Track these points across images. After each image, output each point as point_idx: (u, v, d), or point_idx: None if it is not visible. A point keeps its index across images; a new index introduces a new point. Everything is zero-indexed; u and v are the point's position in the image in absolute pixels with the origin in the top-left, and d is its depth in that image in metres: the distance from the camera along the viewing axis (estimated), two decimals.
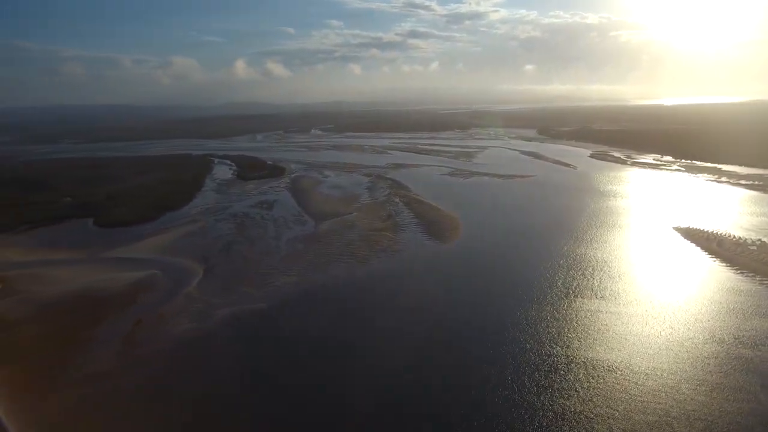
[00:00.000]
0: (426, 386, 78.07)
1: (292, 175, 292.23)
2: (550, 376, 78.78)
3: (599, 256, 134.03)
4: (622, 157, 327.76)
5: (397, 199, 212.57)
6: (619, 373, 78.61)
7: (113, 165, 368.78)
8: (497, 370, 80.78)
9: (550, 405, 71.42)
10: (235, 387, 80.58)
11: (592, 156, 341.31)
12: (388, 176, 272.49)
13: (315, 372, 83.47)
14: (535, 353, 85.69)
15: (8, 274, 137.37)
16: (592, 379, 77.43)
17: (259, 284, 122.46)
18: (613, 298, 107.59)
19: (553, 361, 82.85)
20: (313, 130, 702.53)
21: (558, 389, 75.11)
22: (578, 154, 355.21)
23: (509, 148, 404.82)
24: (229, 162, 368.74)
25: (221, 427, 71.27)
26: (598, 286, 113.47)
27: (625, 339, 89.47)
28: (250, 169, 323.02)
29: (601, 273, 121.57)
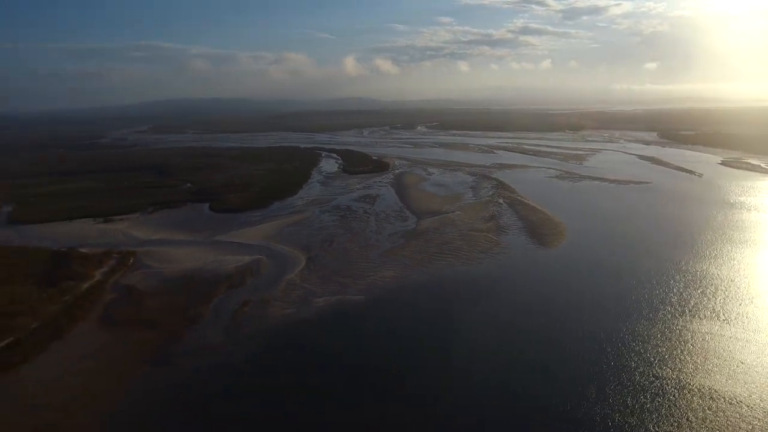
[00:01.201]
0: (516, 398, 76.39)
1: (396, 171, 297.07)
2: (657, 399, 73.33)
3: (724, 274, 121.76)
4: (762, 165, 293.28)
5: (500, 200, 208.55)
6: (745, 408, 71.09)
7: (229, 154, 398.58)
8: (597, 386, 76.78)
9: (655, 431, 66.75)
10: (328, 371, 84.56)
11: (722, 163, 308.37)
12: (492, 176, 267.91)
13: (403, 369, 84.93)
14: (640, 373, 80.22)
15: (138, 250, 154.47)
16: (709, 410, 70.71)
17: (358, 277, 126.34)
18: (740, 322, 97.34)
19: (662, 385, 76.91)
20: (418, 127, 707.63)
21: (665, 415, 69.65)
22: (705, 160, 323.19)
23: (625, 152, 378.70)
24: (335, 156, 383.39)
25: (314, 407, 75.22)
26: (722, 308, 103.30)
27: (754, 370, 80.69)
28: (356, 163, 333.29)
29: (726, 293, 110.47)
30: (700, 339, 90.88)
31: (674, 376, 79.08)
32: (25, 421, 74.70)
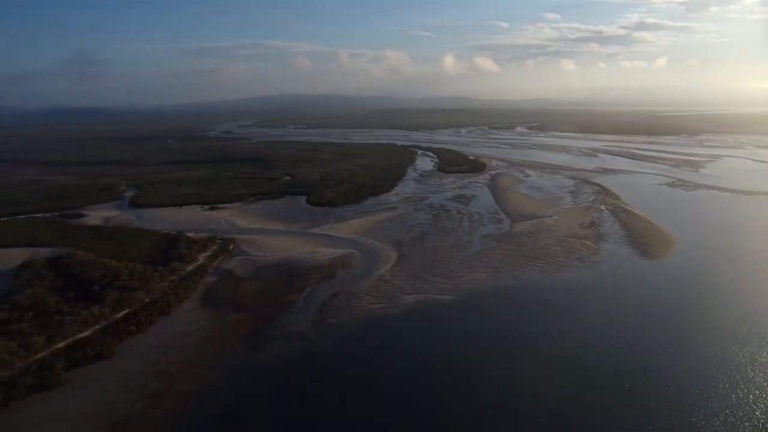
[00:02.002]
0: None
1: (493, 172, 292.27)
2: None
3: None
4: None
5: (602, 207, 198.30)
6: None
7: (327, 150, 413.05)
8: (705, 416, 71.05)
9: None
10: (410, 369, 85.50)
11: None
12: (594, 181, 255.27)
13: (486, 371, 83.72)
14: (761, 404, 73.14)
15: (238, 238, 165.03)
16: None
17: (448, 276, 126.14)
18: None
19: None
20: (517, 128, 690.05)
21: None
22: None
23: (752, 159, 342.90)
24: (431, 154, 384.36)
25: (388, 402, 76.43)
26: None
27: None
28: (451, 162, 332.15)
29: None
30: None
31: None
32: (136, 385, 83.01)
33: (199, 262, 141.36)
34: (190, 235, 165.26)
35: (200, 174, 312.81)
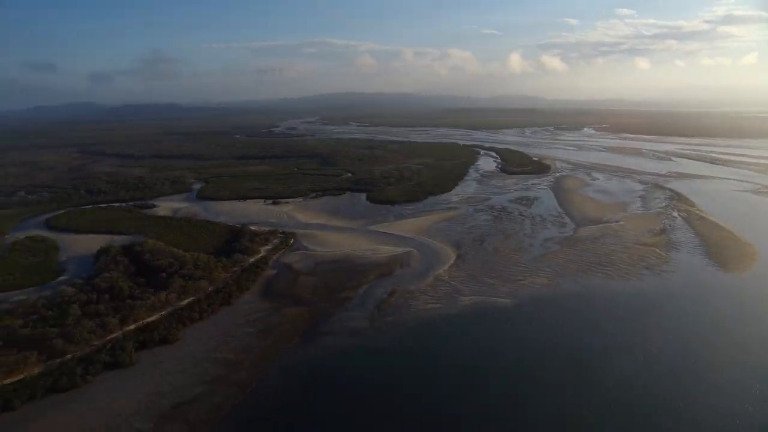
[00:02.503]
0: None
1: (557, 174, 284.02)
2: None
3: None
4: None
5: (675, 213, 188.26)
6: None
7: (389, 147, 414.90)
8: None
9: None
10: (464, 371, 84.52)
11: None
12: (667, 186, 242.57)
13: (546, 388, 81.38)
14: None
15: (298, 232, 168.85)
16: None
17: (507, 279, 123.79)
18: None
19: None
20: (585, 129, 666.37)
21: None
22: None
23: None
24: (494, 154, 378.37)
25: (441, 403, 75.86)
26: None
27: None
28: (514, 163, 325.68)
29: None
30: None
31: None
32: (197, 370, 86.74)
33: (260, 255, 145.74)
34: (252, 228, 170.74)
35: (264, 169, 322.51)
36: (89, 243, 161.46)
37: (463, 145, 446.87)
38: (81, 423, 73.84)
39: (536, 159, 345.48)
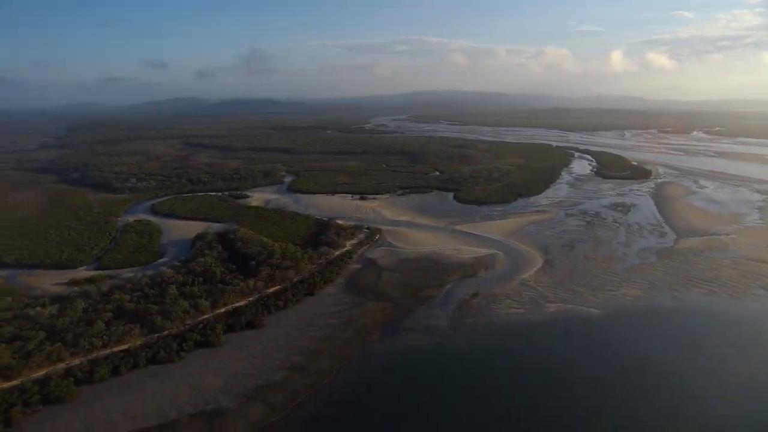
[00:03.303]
0: None
1: (659, 180, 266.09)
2: None
3: None
4: None
5: None
6: None
7: (478, 147, 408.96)
8: None
9: None
10: (545, 381, 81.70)
11: None
12: None
13: (638, 409, 76.71)
14: None
15: (384, 228, 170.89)
16: None
17: (597, 289, 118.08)
18: None
19: None
20: (694, 132, 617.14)
21: None
22: None
23: None
24: (589, 157, 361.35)
25: (516, 412, 73.83)
26: None
27: None
28: (611, 167, 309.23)
29: None
30: None
31: None
32: (279, 356, 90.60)
33: (345, 249, 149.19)
34: (339, 222, 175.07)
35: (353, 164, 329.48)
36: (188, 228, 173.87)
37: (556, 146, 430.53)
38: (174, 393, 79.80)
39: (636, 163, 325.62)
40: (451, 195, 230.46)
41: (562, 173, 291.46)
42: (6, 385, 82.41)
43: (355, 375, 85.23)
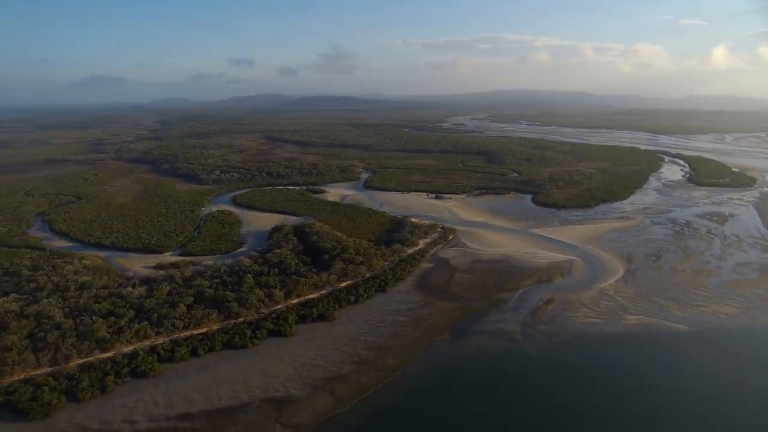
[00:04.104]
0: None
1: (765, 189, 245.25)
2: None
3: None
4: None
5: None
6: None
7: (560, 149, 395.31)
8: None
9: None
10: (627, 403, 77.81)
11: None
12: None
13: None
14: None
15: (458, 228, 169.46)
16: None
17: (685, 304, 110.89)
18: None
19: None
20: None
21: None
22: None
23: None
24: (681, 162, 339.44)
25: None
26: None
27: None
28: (707, 173, 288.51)
29: None
30: None
31: None
32: (348, 350, 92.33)
33: (418, 247, 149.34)
34: (413, 220, 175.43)
35: (429, 163, 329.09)
36: (266, 220, 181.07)
37: (644, 150, 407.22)
38: (246, 377, 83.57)
39: (736, 170, 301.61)
40: (528, 197, 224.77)
41: (650, 178, 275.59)
42: (102, 355, 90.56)
43: (422, 373, 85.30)
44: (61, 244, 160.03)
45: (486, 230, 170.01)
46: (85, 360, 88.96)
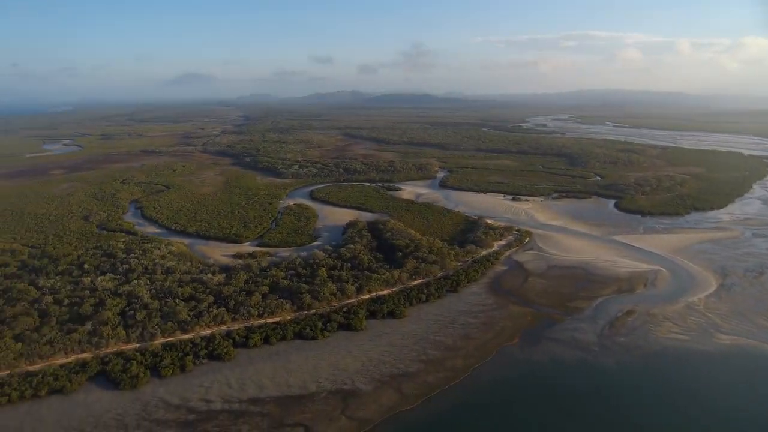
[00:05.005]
0: None
1: None
2: None
3: None
4: None
5: None
6: None
7: (648, 152, 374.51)
8: None
9: None
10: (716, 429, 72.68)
11: None
12: None
13: None
14: None
15: (534, 232, 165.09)
16: None
17: None
18: None
19: None
20: None
21: None
22: None
23: None
24: None
25: None
26: None
27: None
28: None
29: None
30: None
31: None
32: (416, 348, 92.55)
33: (492, 249, 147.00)
34: (489, 221, 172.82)
35: (507, 163, 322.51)
36: (340, 215, 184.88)
37: (748, 155, 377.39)
38: (315, 368, 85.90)
39: None
40: (611, 202, 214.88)
41: (754, 186, 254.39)
42: (183, 336, 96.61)
43: (491, 377, 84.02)
44: (150, 229, 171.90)
45: (564, 235, 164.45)
46: (167, 339, 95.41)
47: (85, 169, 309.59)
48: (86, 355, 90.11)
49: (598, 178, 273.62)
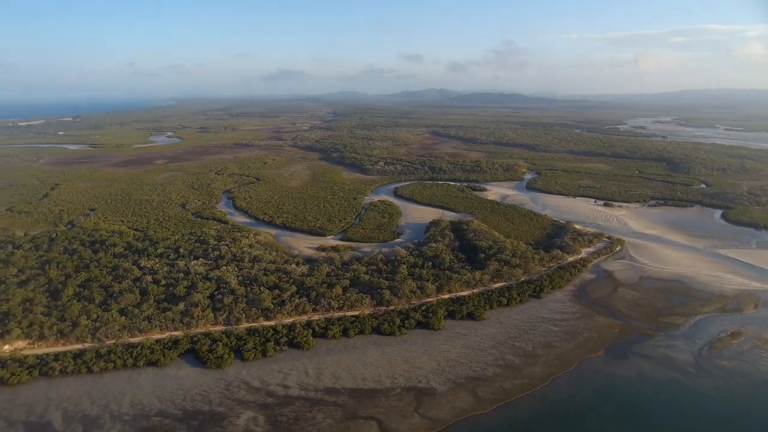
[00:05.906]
0: None
1: None
2: None
3: None
4: None
5: None
6: None
7: (765, 158, 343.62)
8: None
9: None
10: None
11: None
12: None
13: None
14: None
15: (627, 240, 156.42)
16: None
17: None
18: None
19: None
20: None
21: None
22: None
23: None
24: None
25: None
26: None
27: None
28: None
29: None
30: None
31: None
32: (494, 352, 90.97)
33: (580, 256, 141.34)
34: (577, 226, 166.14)
35: (600, 167, 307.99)
36: (424, 213, 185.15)
37: None
38: (391, 364, 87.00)
39: None
40: (718, 212, 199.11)
41: None
42: (266, 323, 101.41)
43: (571, 389, 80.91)
44: (240, 219, 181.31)
45: (660, 245, 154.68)
46: (251, 324, 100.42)
47: (184, 159, 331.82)
48: (178, 333, 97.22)
49: (703, 185, 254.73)
